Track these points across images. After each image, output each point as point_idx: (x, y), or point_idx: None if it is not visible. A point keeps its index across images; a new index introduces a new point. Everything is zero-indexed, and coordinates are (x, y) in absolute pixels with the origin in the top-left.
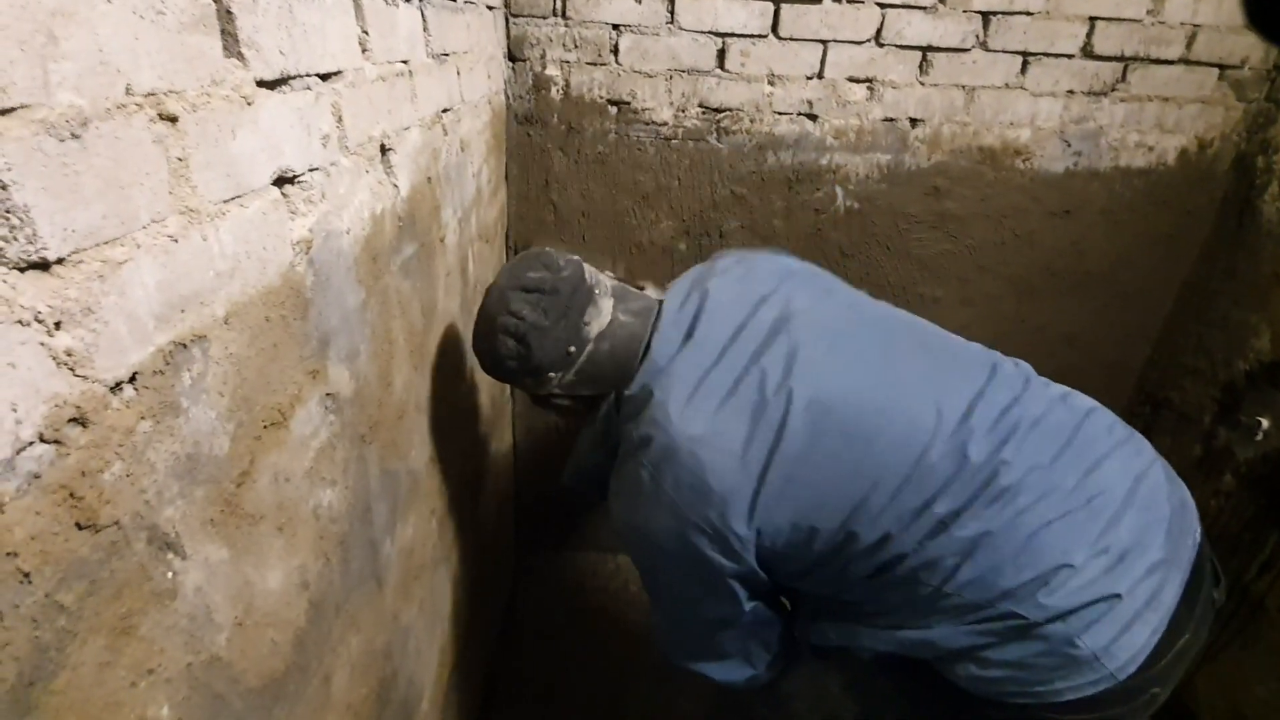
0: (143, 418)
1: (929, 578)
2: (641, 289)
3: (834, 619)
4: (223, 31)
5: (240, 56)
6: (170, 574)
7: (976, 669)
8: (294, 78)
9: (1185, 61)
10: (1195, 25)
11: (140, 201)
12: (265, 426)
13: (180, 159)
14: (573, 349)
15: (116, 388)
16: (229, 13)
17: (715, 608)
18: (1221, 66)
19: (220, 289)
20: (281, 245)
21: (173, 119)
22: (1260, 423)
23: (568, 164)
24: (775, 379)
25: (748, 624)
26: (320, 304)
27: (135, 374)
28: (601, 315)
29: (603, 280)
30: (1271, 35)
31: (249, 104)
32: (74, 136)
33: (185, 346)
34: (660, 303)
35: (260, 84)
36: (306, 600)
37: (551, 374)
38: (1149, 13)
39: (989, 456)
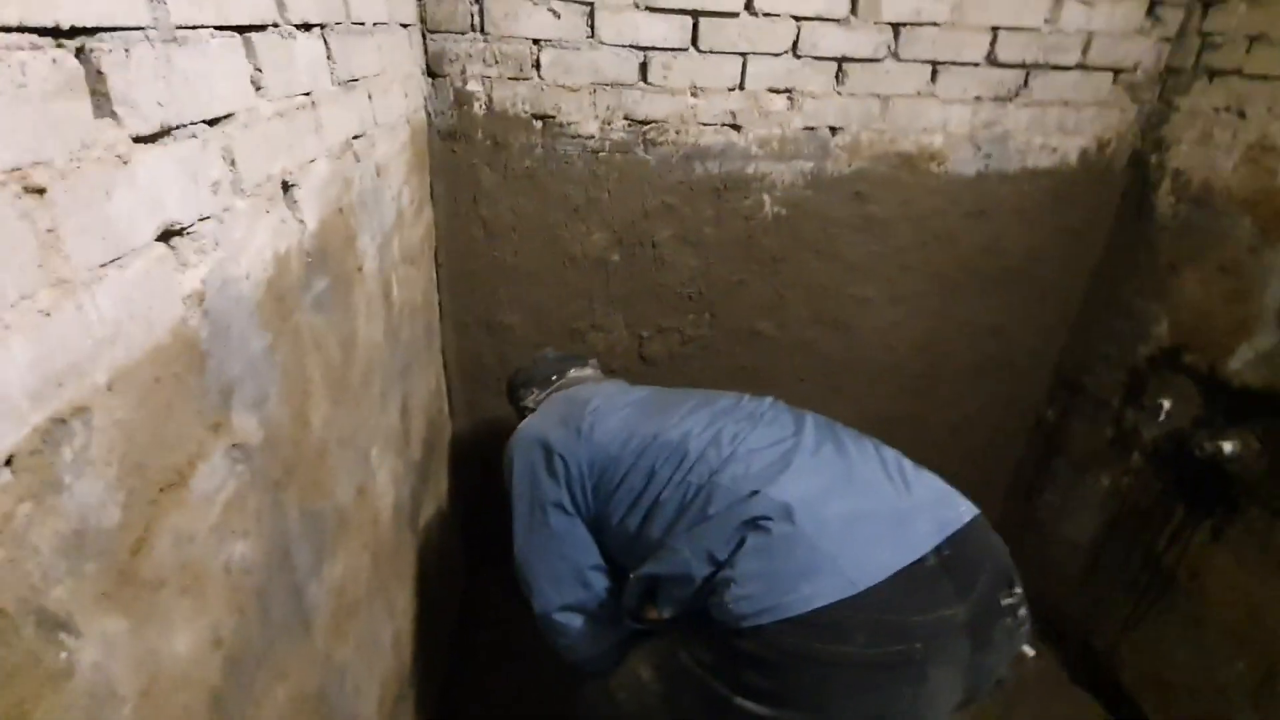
0: (21, 500)
1: (701, 477)
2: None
3: (638, 566)
4: (93, 92)
5: (114, 115)
6: (64, 654)
7: (736, 589)
8: (177, 128)
9: (1082, 67)
10: (1090, 32)
11: (6, 280)
12: (161, 489)
13: (50, 230)
14: (553, 377)
15: None
16: (99, 73)
17: (535, 519)
18: (1116, 70)
19: (101, 356)
20: (170, 301)
21: (40, 191)
22: (1163, 404)
23: (496, 179)
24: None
25: (566, 529)
26: (220, 354)
27: (10, 457)
28: (580, 374)
29: (597, 366)
30: None
31: (125, 163)
32: None
33: (64, 421)
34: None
35: (138, 139)
36: (221, 657)
37: (534, 392)
38: (1047, 21)
39: (730, 441)
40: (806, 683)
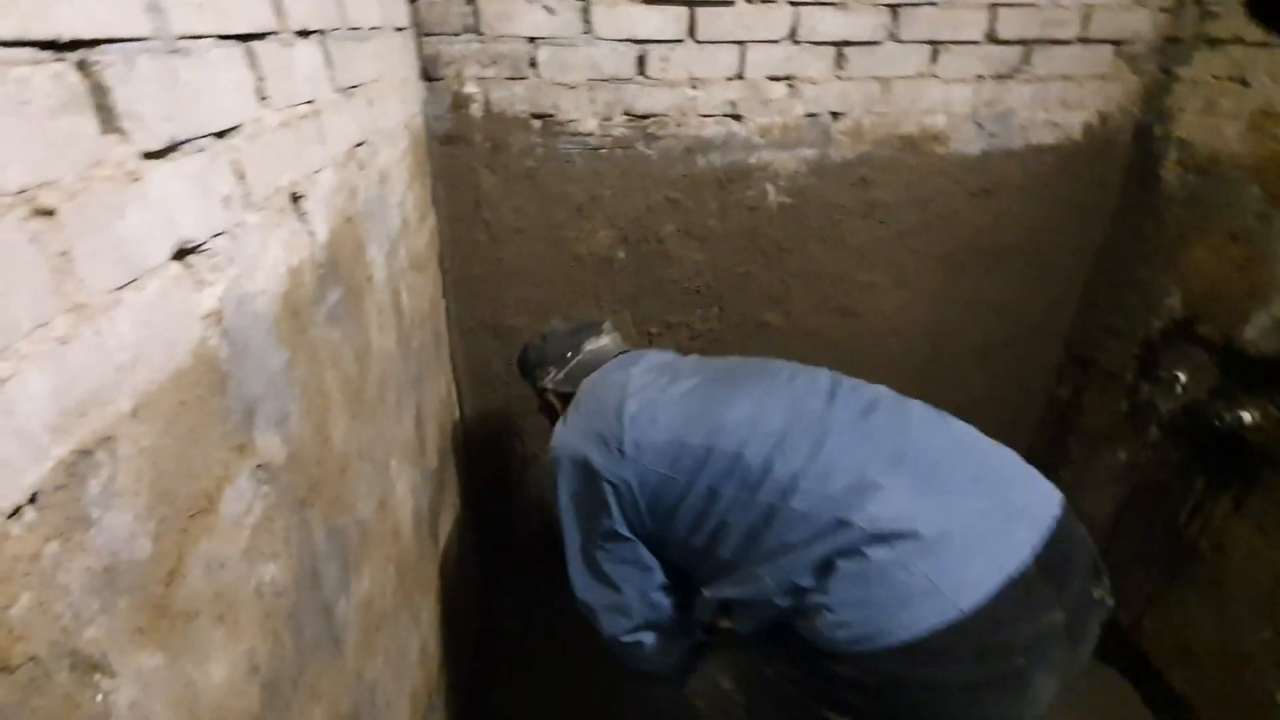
0: (49, 539)
1: (772, 496)
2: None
3: (710, 582)
4: (98, 107)
5: (120, 131)
6: (100, 696)
7: (830, 615)
8: (185, 142)
9: (1082, 40)
10: (1089, 5)
11: (19, 309)
12: (191, 516)
13: (62, 253)
14: (569, 355)
15: (15, 514)
16: (102, 87)
17: (597, 520)
18: (1116, 43)
19: (123, 382)
20: (189, 321)
21: (49, 212)
22: (1179, 376)
23: (497, 182)
24: (683, 389)
25: (626, 556)
26: (240, 374)
27: (35, 494)
28: (598, 344)
29: (615, 331)
30: (1272, 25)
31: (135, 179)
32: None
33: (89, 453)
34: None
35: (147, 155)
36: (258, 684)
37: (550, 371)
38: None
39: (813, 426)
40: (907, 705)
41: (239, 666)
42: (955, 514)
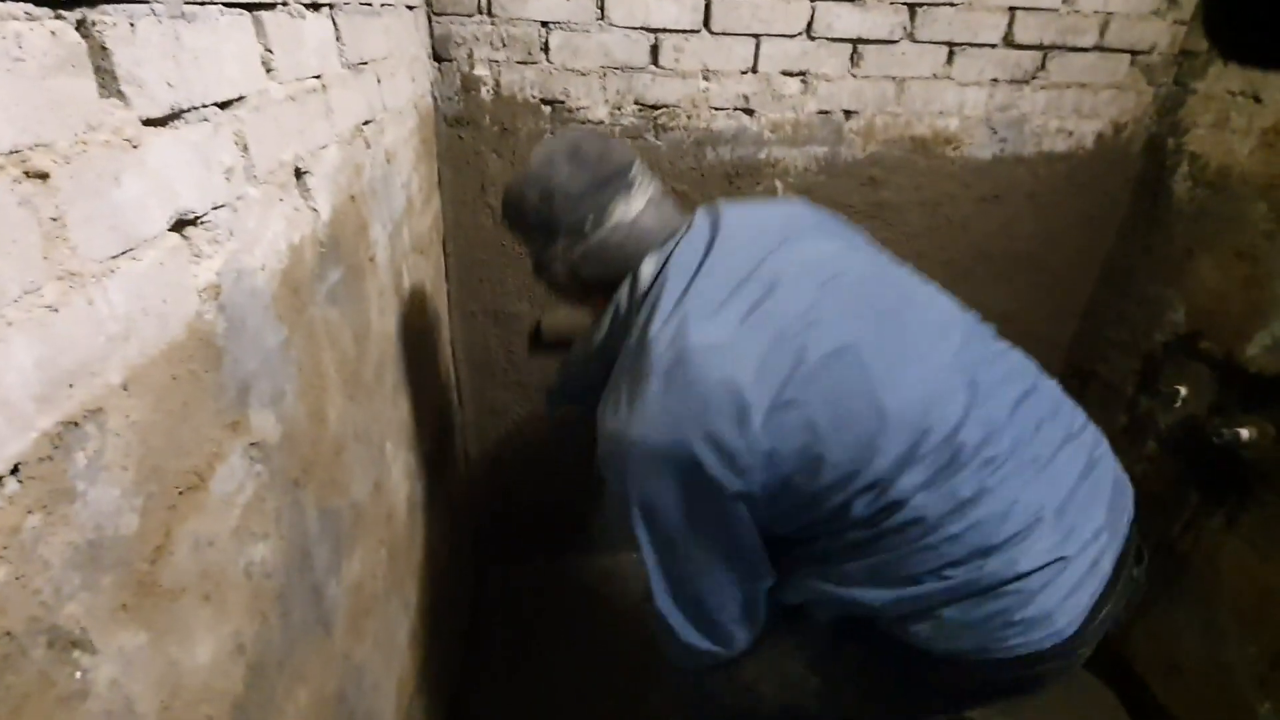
0: (30, 512)
1: (916, 530)
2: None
3: (810, 575)
4: (97, 69)
5: (120, 95)
6: (79, 674)
7: (933, 629)
8: (187, 110)
9: (1099, 49)
10: (1108, 13)
11: (8, 274)
12: (180, 493)
13: (54, 218)
14: (588, 226)
15: None
16: (103, 48)
17: (706, 537)
18: (1133, 53)
19: (114, 354)
20: (185, 295)
21: (43, 175)
22: (1178, 391)
23: (503, 166)
24: (800, 309)
25: (739, 564)
26: (236, 351)
27: (17, 465)
28: (630, 208)
29: (648, 183)
30: (1232, 54)
31: (134, 146)
32: None
33: (76, 425)
34: (690, 222)
35: (147, 122)
36: (244, 665)
37: (561, 241)
38: (1064, 2)
39: (987, 422)
40: (987, 690)
41: (225, 646)
42: (1081, 536)
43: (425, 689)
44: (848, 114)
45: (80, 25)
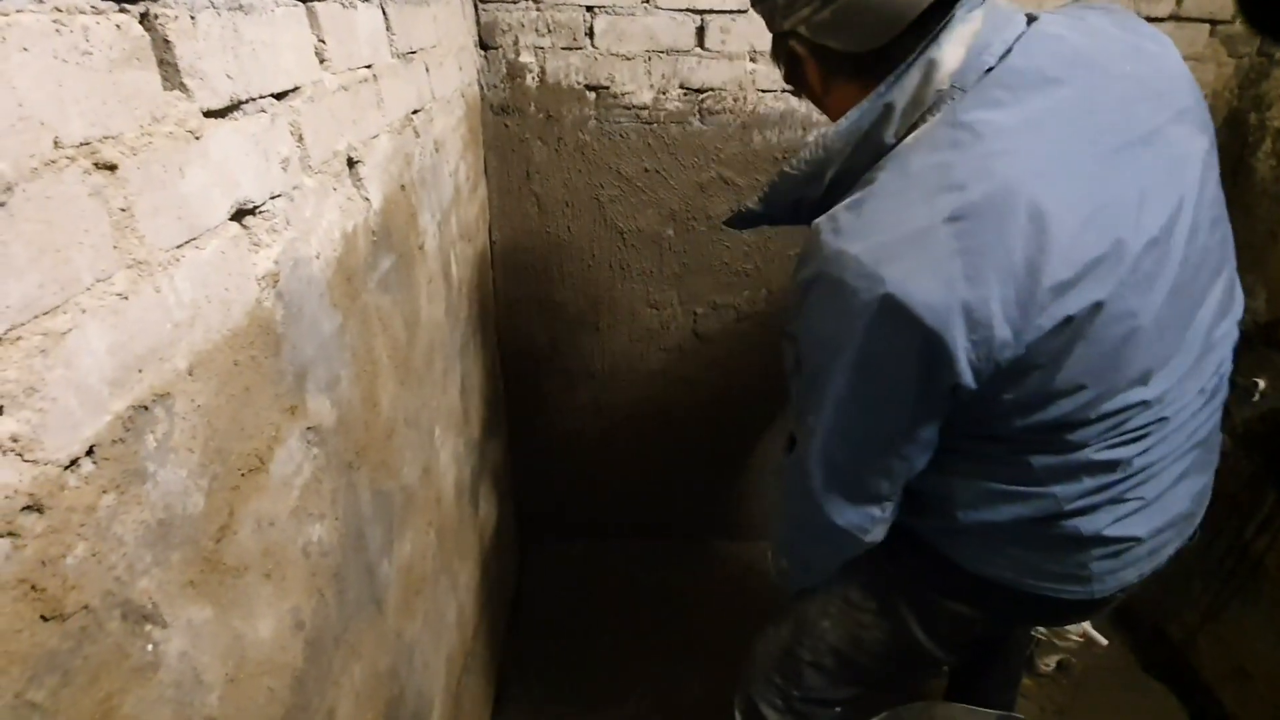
0: (105, 491)
1: (1080, 451)
2: None
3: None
4: (160, 62)
5: (183, 87)
6: (150, 646)
7: (986, 552)
8: (246, 102)
9: (1175, 18)
10: None
11: (81, 262)
12: (243, 474)
13: (124, 209)
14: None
15: (72, 465)
16: (166, 41)
17: (898, 419)
18: (1212, 22)
19: (180, 340)
20: (245, 282)
21: (111, 167)
22: (1257, 384)
23: (548, 153)
24: (1136, 187)
25: (911, 444)
26: (293, 337)
27: (92, 447)
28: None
29: None
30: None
31: (197, 138)
32: None
33: (146, 408)
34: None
35: (208, 114)
36: (302, 640)
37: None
38: None
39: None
40: (1013, 610)
41: (285, 622)
42: (1158, 522)
43: (474, 667)
44: None
45: (144, 19)
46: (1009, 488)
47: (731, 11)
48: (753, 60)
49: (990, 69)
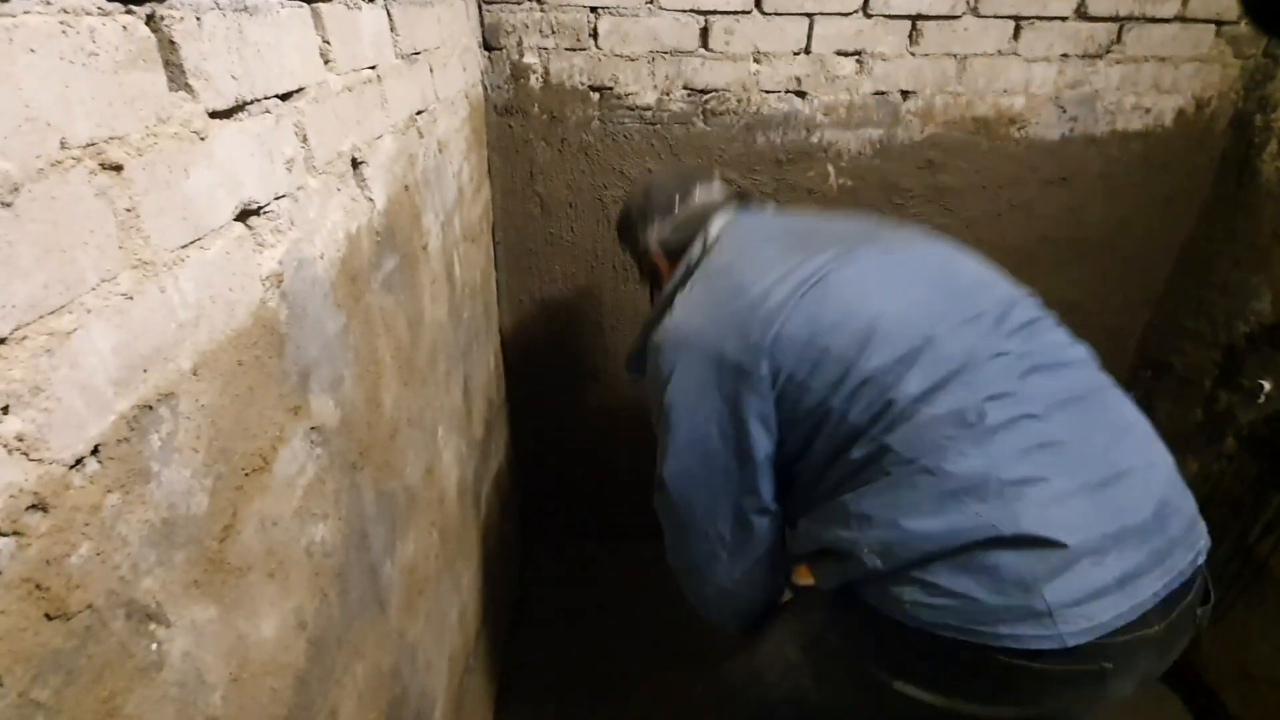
0: (109, 491)
1: (912, 451)
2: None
3: (813, 517)
4: (166, 63)
5: (188, 88)
6: (154, 645)
7: (923, 594)
8: (251, 103)
9: (1181, 19)
10: None
11: (86, 262)
12: (246, 474)
13: (129, 209)
14: (676, 203)
15: (77, 464)
16: (172, 42)
17: (720, 435)
18: (1219, 23)
19: (185, 340)
20: (250, 283)
21: (117, 167)
22: (1262, 385)
23: (552, 154)
24: (820, 264)
25: (740, 475)
26: (297, 337)
27: (97, 446)
28: (710, 191)
29: (726, 187)
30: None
31: (202, 138)
32: (3, 205)
33: (151, 408)
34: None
35: (213, 115)
36: (305, 640)
37: (655, 222)
38: None
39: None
40: (979, 685)
41: (288, 622)
42: (1108, 540)
43: (476, 667)
44: (905, 94)
45: (150, 20)
46: (895, 477)
47: (736, 12)
48: (756, 61)
49: (719, 239)
